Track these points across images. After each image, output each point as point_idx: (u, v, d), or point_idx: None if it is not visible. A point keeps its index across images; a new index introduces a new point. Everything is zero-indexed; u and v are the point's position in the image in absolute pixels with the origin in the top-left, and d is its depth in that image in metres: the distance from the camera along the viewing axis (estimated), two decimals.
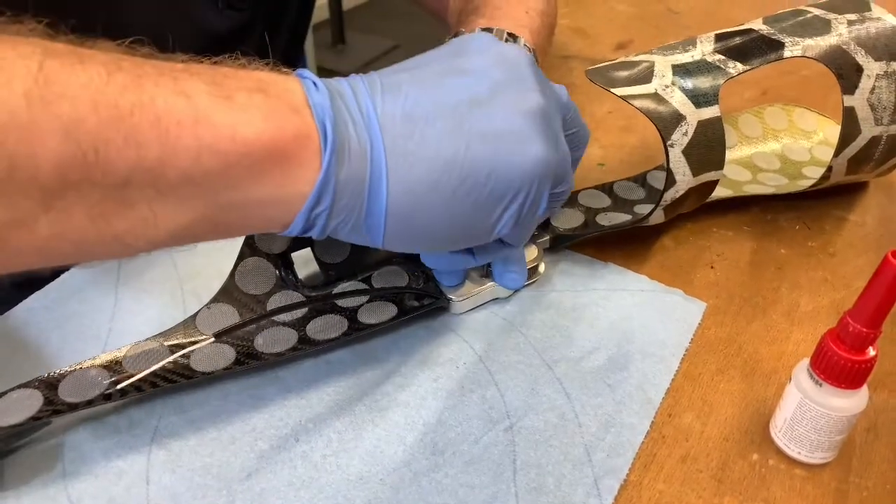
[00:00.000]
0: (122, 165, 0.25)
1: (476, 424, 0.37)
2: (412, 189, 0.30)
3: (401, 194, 0.30)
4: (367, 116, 0.30)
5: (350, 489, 0.34)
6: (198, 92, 0.27)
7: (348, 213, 0.30)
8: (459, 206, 0.31)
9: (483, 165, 0.31)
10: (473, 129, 0.31)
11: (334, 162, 0.29)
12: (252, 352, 0.38)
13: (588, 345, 0.41)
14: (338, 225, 0.31)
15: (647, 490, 0.34)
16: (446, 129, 0.30)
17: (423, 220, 0.31)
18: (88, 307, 0.43)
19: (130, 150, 0.25)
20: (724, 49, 0.45)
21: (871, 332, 0.31)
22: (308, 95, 0.29)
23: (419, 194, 0.30)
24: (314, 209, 0.29)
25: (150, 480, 0.34)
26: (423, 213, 0.31)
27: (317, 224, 0.30)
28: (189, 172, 0.27)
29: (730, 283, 0.46)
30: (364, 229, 0.31)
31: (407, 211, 0.31)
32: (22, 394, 0.35)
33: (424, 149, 0.30)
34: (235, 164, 0.27)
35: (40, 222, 0.25)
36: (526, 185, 0.32)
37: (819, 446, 0.35)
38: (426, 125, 0.30)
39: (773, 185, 0.54)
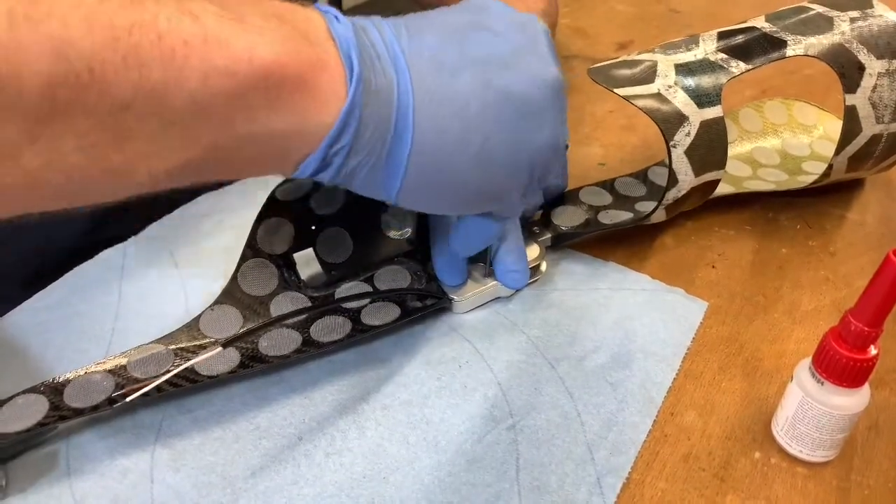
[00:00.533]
0: (120, 88, 0.23)
1: (479, 423, 0.37)
2: (439, 135, 0.28)
3: (426, 140, 0.28)
4: (393, 53, 0.28)
5: (353, 487, 0.34)
6: (206, 13, 0.24)
7: (369, 151, 0.28)
8: (480, 162, 0.30)
9: (507, 127, 0.30)
10: (501, 88, 0.30)
11: (359, 94, 0.27)
12: (256, 355, 0.38)
13: (590, 344, 0.41)
14: (356, 166, 0.28)
15: (650, 488, 0.34)
16: (473, 78, 0.29)
17: (443, 174, 0.29)
18: (92, 306, 0.43)
19: (131, 72, 0.23)
20: (726, 48, 0.45)
21: (872, 330, 0.31)
22: (330, 27, 0.27)
23: (444, 141, 0.29)
24: (335, 144, 0.27)
25: (154, 479, 0.34)
26: (443, 165, 0.29)
27: (334, 162, 0.28)
28: (197, 97, 0.24)
29: (731, 282, 0.46)
30: (382, 174, 0.29)
31: (429, 159, 0.29)
32: (27, 399, 0.35)
33: (453, 92, 0.28)
34: (251, 87, 0.25)
35: (26, 153, 0.23)
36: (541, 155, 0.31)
37: (821, 444, 0.35)
38: (453, 70, 0.29)
39: (774, 180, 0.54)
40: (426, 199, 0.31)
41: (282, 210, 0.42)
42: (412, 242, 0.45)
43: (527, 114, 0.30)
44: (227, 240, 0.48)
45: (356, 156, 0.28)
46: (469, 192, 0.31)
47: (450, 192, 0.31)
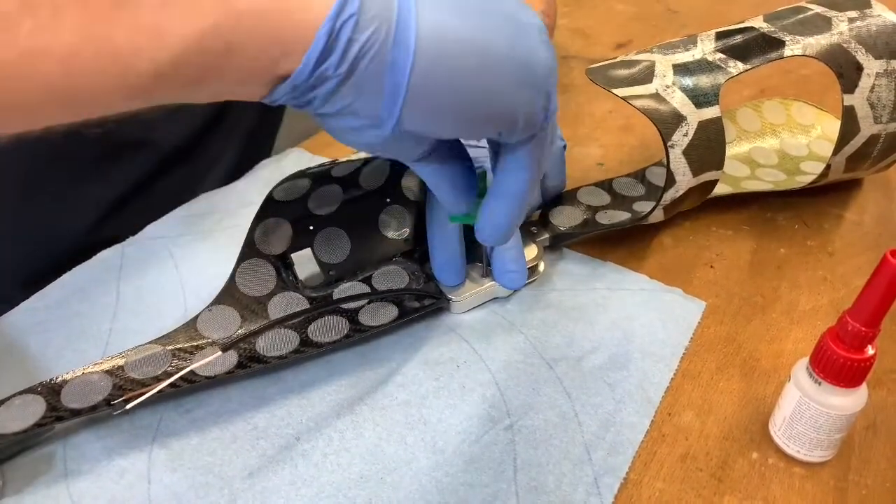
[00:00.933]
0: None
1: (476, 423, 0.37)
2: (443, 22, 0.27)
3: (431, 24, 0.27)
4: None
5: (351, 488, 0.34)
6: None
7: (376, 29, 0.26)
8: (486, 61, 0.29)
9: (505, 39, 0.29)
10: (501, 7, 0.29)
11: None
12: (254, 355, 0.38)
13: (588, 344, 0.41)
14: (362, 48, 0.26)
15: (647, 488, 0.34)
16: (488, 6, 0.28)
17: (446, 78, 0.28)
18: (90, 306, 0.43)
19: None
20: (724, 48, 0.45)
21: (869, 331, 0.31)
22: None
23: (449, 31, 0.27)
24: (341, 13, 0.26)
25: (151, 479, 0.34)
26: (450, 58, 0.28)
27: (340, 39, 0.26)
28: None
29: (729, 282, 0.46)
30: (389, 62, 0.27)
31: (435, 48, 0.27)
32: (24, 399, 0.35)
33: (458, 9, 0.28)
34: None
35: (24, 26, 0.22)
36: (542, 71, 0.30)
37: (818, 445, 0.35)
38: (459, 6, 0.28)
39: (772, 180, 0.54)
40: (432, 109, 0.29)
41: (280, 210, 0.42)
42: (410, 242, 0.45)
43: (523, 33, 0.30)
44: (226, 240, 0.48)
45: (363, 31, 0.26)
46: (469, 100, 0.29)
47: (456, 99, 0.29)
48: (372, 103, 0.28)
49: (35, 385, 0.36)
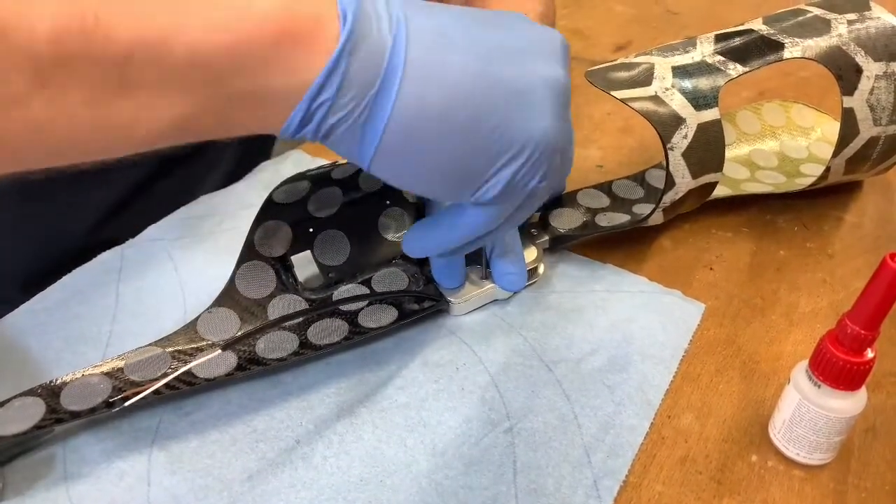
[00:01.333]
0: (124, 36, 0.24)
1: (476, 426, 0.37)
2: (421, 107, 0.29)
3: (408, 108, 0.29)
4: (395, 20, 0.28)
5: (350, 491, 0.34)
6: None
7: (350, 111, 0.28)
8: (460, 143, 0.30)
9: (496, 114, 0.30)
10: (497, 75, 0.30)
11: (348, 50, 0.27)
12: (254, 357, 0.38)
13: (587, 346, 0.41)
14: (335, 123, 0.29)
15: (647, 491, 0.34)
16: (471, 62, 0.29)
17: (421, 145, 0.30)
18: (89, 309, 0.43)
19: (134, 21, 0.24)
20: (723, 50, 0.45)
21: (869, 333, 0.31)
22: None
23: (426, 115, 0.29)
24: (316, 98, 0.28)
25: (151, 482, 0.34)
26: (422, 137, 0.29)
27: (315, 117, 0.28)
28: (196, 49, 0.25)
29: (729, 284, 0.46)
30: (359, 137, 0.30)
31: (408, 129, 0.29)
32: (24, 402, 0.35)
33: (445, 71, 0.29)
34: (246, 42, 0.26)
35: (34, 101, 0.24)
36: (528, 150, 0.31)
37: (818, 447, 0.35)
38: (453, 50, 0.29)
39: (771, 182, 0.54)
40: (397, 172, 0.31)
41: (279, 212, 0.42)
42: None
43: (521, 104, 0.31)
44: (225, 242, 0.48)
45: (336, 113, 0.29)
46: (433, 172, 0.31)
47: (416, 167, 0.31)
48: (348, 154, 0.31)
49: (35, 387, 0.36)
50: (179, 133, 0.28)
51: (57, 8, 0.23)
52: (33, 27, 0.23)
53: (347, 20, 0.27)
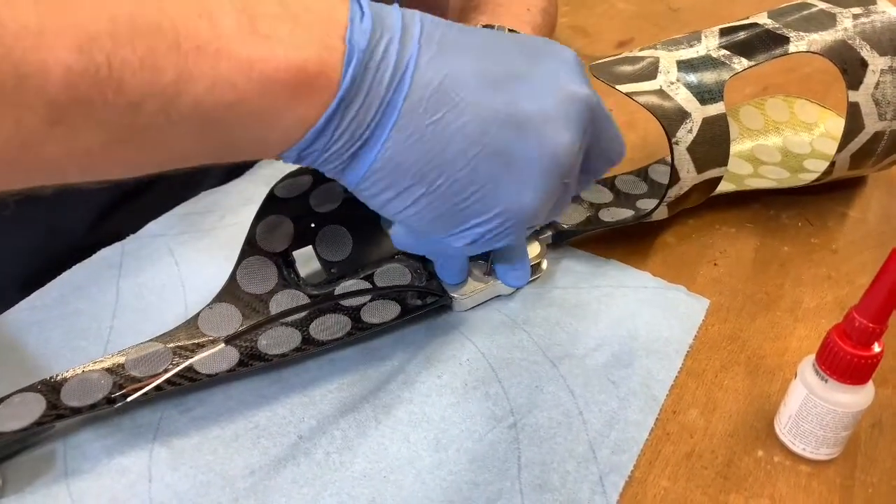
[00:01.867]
0: (135, 85, 0.24)
1: (480, 421, 0.37)
2: (403, 158, 0.29)
3: (392, 159, 0.29)
4: (403, 66, 0.28)
5: (353, 486, 0.34)
6: (223, 14, 0.26)
7: (337, 155, 0.30)
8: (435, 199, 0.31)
9: (479, 181, 0.30)
10: (493, 146, 0.30)
11: (345, 103, 0.28)
12: (256, 353, 0.38)
13: (592, 342, 0.41)
14: (323, 162, 0.30)
15: (652, 487, 0.34)
16: (469, 127, 0.29)
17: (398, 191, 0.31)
18: (90, 304, 0.43)
19: (145, 72, 0.24)
20: (728, 44, 0.44)
21: (877, 327, 0.31)
22: (349, 29, 0.28)
23: (408, 167, 0.30)
24: (309, 147, 0.29)
25: (152, 478, 0.34)
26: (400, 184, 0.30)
27: (306, 159, 0.30)
28: (202, 102, 0.26)
29: (733, 279, 0.46)
30: (344, 173, 0.31)
31: (388, 174, 0.30)
32: (25, 398, 0.34)
33: (437, 133, 0.29)
34: (248, 100, 0.27)
35: (47, 141, 0.24)
36: (502, 218, 0.32)
37: (824, 442, 0.34)
38: (454, 111, 0.29)
39: (775, 178, 0.54)
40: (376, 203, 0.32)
41: (281, 207, 0.41)
42: None
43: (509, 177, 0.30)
44: (227, 237, 0.48)
45: (327, 154, 0.30)
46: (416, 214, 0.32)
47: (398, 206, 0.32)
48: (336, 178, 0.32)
49: (35, 383, 0.35)
50: (183, 164, 0.29)
51: (71, 55, 0.23)
52: (49, 71, 0.23)
53: (347, 75, 0.27)
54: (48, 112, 0.24)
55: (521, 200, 0.31)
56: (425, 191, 0.30)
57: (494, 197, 0.31)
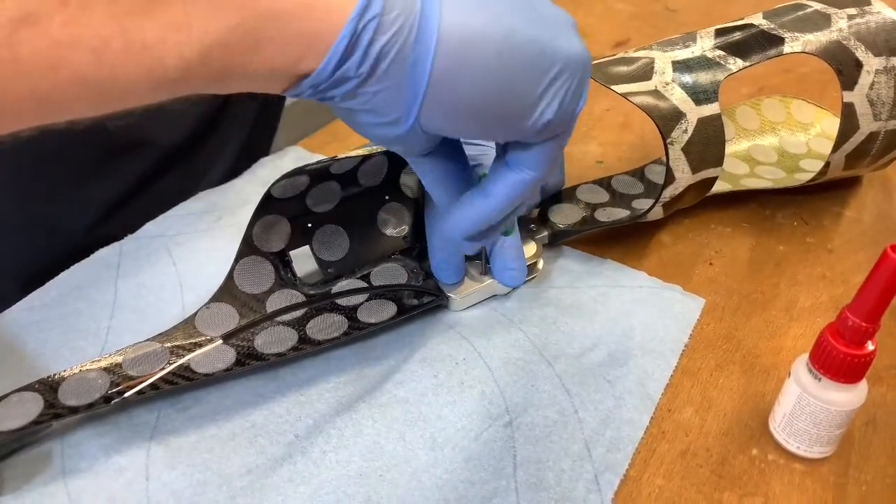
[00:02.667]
0: None
1: (475, 420, 0.37)
2: (466, 19, 0.27)
3: (454, 22, 0.27)
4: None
5: (349, 485, 0.34)
6: None
7: (398, 30, 0.27)
8: (509, 64, 0.29)
9: (536, 35, 0.29)
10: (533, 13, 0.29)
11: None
12: (252, 352, 0.38)
13: (587, 341, 0.41)
14: (383, 49, 0.27)
15: (647, 485, 0.34)
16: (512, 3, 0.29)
17: (473, 70, 0.28)
18: (88, 304, 0.43)
19: None
20: (724, 45, 0.45)
21: (870, 326, 0.31)
22: None
23: (472, 36, 0.28)
24: (364, 14, 0.26)
25: (149, 477, 0.34)
26: (473, 59, 0.28)
27: (362, 40, 0.26)
28: None
29: (728, 279, 0.46)
30: (408, 70, 0.28)
31: (457, 46, 0.27)
32: (22, 397, 0.35)
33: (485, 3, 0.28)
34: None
35: (55, 19, 0.22)
36: (570, 67, 0.30)
37: (818, 441, 0.35)
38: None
39: (771, 178, 0.54)
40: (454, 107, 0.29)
41: (278, 207, 0.41)
42: (409, 240, 0.45)
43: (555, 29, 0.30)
44: (224, 238, 0.48)
45: (385, 32, 0.27)
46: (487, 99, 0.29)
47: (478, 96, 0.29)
48: (391, 102, 0.28)
49: (32, 382, 0.35)
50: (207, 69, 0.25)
51: None
52: None
53: None
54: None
55: (574, 47, 0.30)
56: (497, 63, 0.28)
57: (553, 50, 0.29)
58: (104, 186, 0.56)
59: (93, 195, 0.56)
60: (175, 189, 0.54)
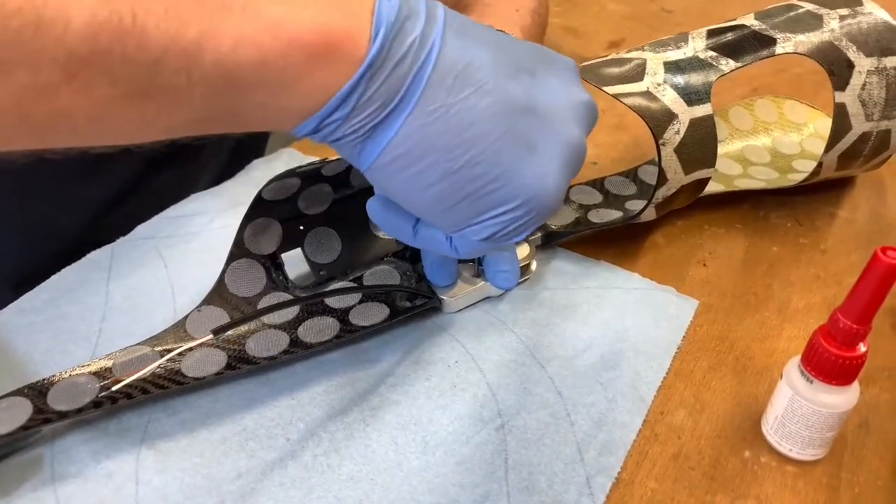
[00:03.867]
0: (158, 39, 0.24)
1: (467, 423, 0.37)
2: (425, 138, 0.29)
3: (412, 137, 0.29)
4: (427, 46, 0.28)
5: (341, 489, 0.34)
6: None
7: (357, 129, 0.29)
8: (458, 182, 0.30)
9: (502, 165, 0.30)
10: (515, 127, 0.30)
11: (368, 75, 0.27)
12: (244, 356, 0.38)
13: (580, 343, 0.41)
14: (341, 137, 0.29)
15: (640, 488, 0.34)
16: (491, 108, 0.29)
17: (417, 173, 0.30)
18: (78, 308, 0.43)
19: (170, 24, 0.24)
20: (716, 46, 0.45)
21: (861, 328, 0.31)
22: (378, 3, 0.27)
23: (429, 147, 0.29)
24: (329, 116, 0.28)
25: (139, 481, 0.34)
26: (420, 166, 0.29)
27: (325, 129, 0.29)
28: (224, 61, 0.25)
29: (722, 280, 0.46)
30: (359, 150, 0.30)
31: (407, 155, 0.29)
32: (11, 402, 0.34)
33: (461, 112, 0.29)
34: (273, 60, 0.26)
35: (61, 92, 0.24)
36: (527, 207, 0.31)
37: (810, 443, 0.35)
38: (477, 92, 0.29)
39: (764, 178, 0.54)
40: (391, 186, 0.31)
41: (269, 210, 0.41)
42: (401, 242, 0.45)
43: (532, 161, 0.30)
44: (215, 240, 0.48)
45: (346, 128, 0.29)
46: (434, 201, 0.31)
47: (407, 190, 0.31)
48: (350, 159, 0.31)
49: (21, 387, 0.35)
50: (194, 128, 0.28)
51: (96, 4, 0.23)
52: (70, 20, 0.23)
53: (376, 42, 0.27)
54: (66, 62, 0.23)
55: (546, 186, 0.30)
56: (448, 169, 0.29)
57: (518, 182, 0.30)
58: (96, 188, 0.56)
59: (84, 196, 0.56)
60: (167, 191, 0.54)
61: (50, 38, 0.23)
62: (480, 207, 0.31)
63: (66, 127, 0.26)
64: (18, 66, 0.23)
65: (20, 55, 0.23)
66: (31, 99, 0.24)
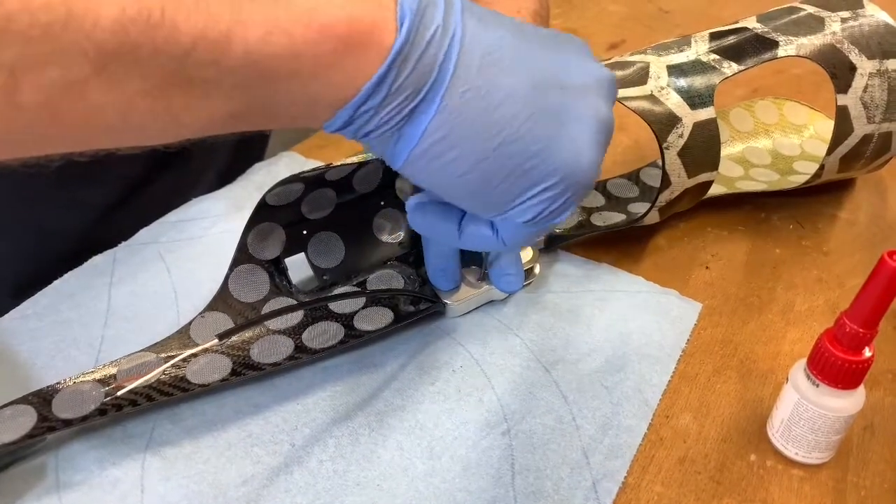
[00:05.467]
0: (187, 31, 0.24)
1: (473, 428, 0.37)
2: (461, 122, 0.29)
3: (447, 122, 0.29)
4: (451, 32, 0.28)
5: (347, 495, 0.34)
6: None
7: (391, 118, 0.29)
8: (497, 163, 0.30)
9: (538, 142, 0.30)
10: (545, 103, 0.30)
11: (398, 61, 0.27)
12: (248, 362, 0.37)
13: (585, 347, 0.41)
14: (374, 128, 0.29)
15: (646, 492, 0.34)
16: (521, 86, 0.29)
17: (455, 158, 0.30)
18: (81, 313, 0.43)
19: (199, 16, 0.24)
20: (718, 49, 0.45)
21: (867, 332, 0.31)
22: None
23: (465, 130, 0.29)
24: (361, 106, 0.28)
25: (145, 489, 0.34)
26: (457, 151, 0.29)
27: (356, 122, 0.29)
28: (254, 52, 0.25)
29: (725, 283, 0.46)
30: (394, 141, 0.30)
31: (443, 141, 0.29)
32: (15, 410, 0.34)
33: (492, 92, 0.29)
34: (303, 48, 0.26)
35: (91, 86, 0.24)
36: (566, 182, 0.31)
37: (816, 446, 0.35)
38: (505, 71, 0.29)
39: (765, 180, 0.54)
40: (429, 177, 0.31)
41: (273, 215, 0.41)
42: (405, 246, 0.45)
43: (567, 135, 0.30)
44: (218, 245, 0.48)
45: (379, 118, 0.29)
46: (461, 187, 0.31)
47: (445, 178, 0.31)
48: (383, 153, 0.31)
49: (26, 395, 0.35)
50: (227, 125, 0.28)
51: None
52: (99, 15, 0.23)
53: (402, 29, 0.27)
54: (95, 57, 0.23)
55: (581, 161, 0.31)
56: (485, 150, 0.29)
57: (556, 158, 0.30)
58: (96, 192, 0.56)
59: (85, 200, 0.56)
60: (168, 194, 0.54)
61: (80, 32, 0.23)
62: (521, 186, 0.31)
63: (98, 124, 0.26)
64: (48, 62, 0.23)
65: (50, 50, 0.23)
66: (61, 95, 0.24)
